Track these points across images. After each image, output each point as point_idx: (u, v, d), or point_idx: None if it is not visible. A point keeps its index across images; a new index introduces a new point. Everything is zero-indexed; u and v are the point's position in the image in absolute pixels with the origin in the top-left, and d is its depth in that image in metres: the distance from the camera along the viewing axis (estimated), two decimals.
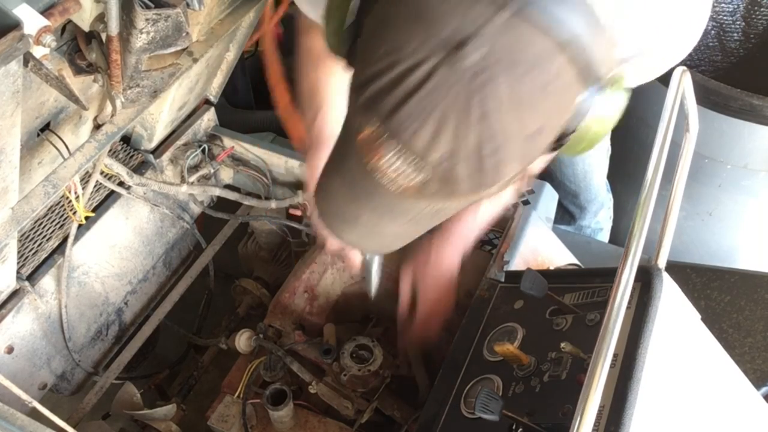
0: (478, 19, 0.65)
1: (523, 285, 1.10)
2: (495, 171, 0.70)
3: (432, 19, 0.66)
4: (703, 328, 1.11)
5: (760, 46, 2.33)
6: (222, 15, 1.41)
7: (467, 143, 0.67)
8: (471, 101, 0.65)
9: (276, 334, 1.52)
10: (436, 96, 0.65)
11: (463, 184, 0.70)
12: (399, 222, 0.80)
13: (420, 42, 0.66)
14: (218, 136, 1.87)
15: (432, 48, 0.65)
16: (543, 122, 0.70)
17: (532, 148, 0.72)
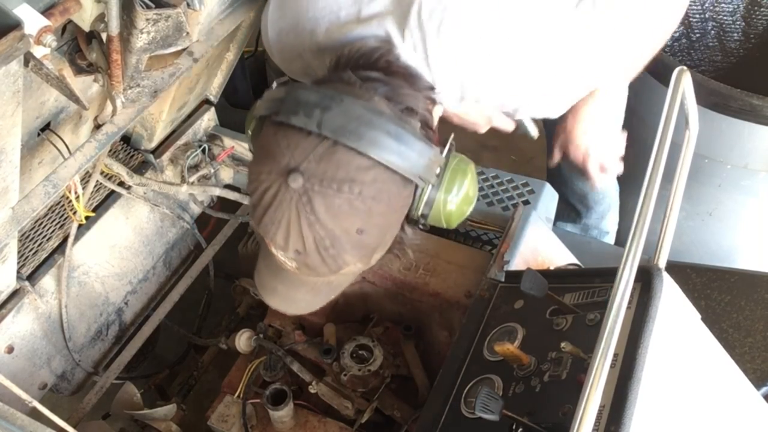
0: (304, 152, 0.88)
1: (523, 285, 1.10)
2: (336, 260, 0.92)
3: (276, 154, 0.90)
4: (703, 328, 1.12)
5: (760, 46, 2.33)
6: (222, 15, 1.41)
7: (308, 242, 0.89)
8: (301, 214, 0.88)
9: (276, 334, 1.52)
10: (280, 211, 0.89)
11: (321, 269, 0.93)
12: (302, 291, 1.04)
13: (269, 171, 0.90)
14: (218, 136, 1.87)
15: (275, 176, 0.89)
16: (362, 224, 0.90)
17: (364, 241, 0.92)
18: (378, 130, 0.89)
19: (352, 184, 0.88)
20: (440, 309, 1.47)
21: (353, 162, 0.88)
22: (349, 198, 0.88)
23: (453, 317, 1.44)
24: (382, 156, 0.89)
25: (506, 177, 1.66)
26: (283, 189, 0.88)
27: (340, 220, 0.89)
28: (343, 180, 0.87)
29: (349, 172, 0.88)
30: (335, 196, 0.87)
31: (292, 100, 0.92)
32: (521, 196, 1.61)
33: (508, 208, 1.59)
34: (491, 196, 1.63)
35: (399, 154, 0.90)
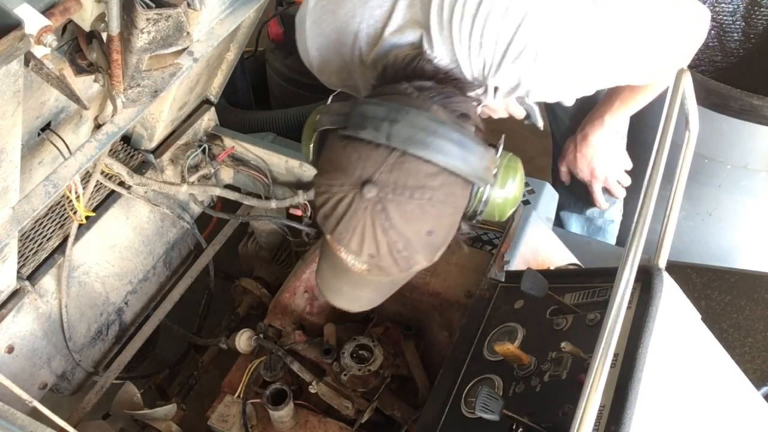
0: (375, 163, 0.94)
1: (523, 285, 1.10)
2: (408, 261, 0.98)
3: (347, 167, 0.96)
4: (703, 328, 1.12)
5: (760, 46, 2.33)
6: (222, 15, 1.41)
7: (382, 247, 0.95)
8: (376, 221, 0.94)
9: (276, 334, 1.52)
10: (355, 219, 0.94)
11: (392, 270, 0.99)
12: (367, 290, 1.11)
13: (341, 182, 0.95)
14: (218, 136, 1.87)
15: (348, 187, 0.95)
16: (432, 226, 0.96)
17: (432, 241, 0.98)
18: (443, 138, 0.95)
19: (423, 191, 0.94)
20: (440, 309, 1.47)
21: (422, 170, 0.94)
22: (421, 203, 0.94)
23: (453, 317, 1.44)
24: (448, 162, 0.95)
25: None
26: (357, 199, 0.93)
27: (412, 224, 0.94)
28: (414, 187, 0.93)
29: (419, 179, 0.94)
30: (408, 203, 0.93)
31: (358, 114, 0.97)
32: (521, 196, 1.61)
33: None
34: None
35: (462, 159, 0.96)
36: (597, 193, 1.85)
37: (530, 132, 1.72)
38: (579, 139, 1.77)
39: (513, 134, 1.47)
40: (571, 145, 1.80)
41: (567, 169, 1.85)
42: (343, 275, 1.07)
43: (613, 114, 1.66)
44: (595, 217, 2.04)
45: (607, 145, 1.75)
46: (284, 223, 1.82)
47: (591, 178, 1.81)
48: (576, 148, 1.78)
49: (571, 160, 1.81)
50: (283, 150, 1.79)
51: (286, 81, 2.70)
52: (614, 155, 1.79)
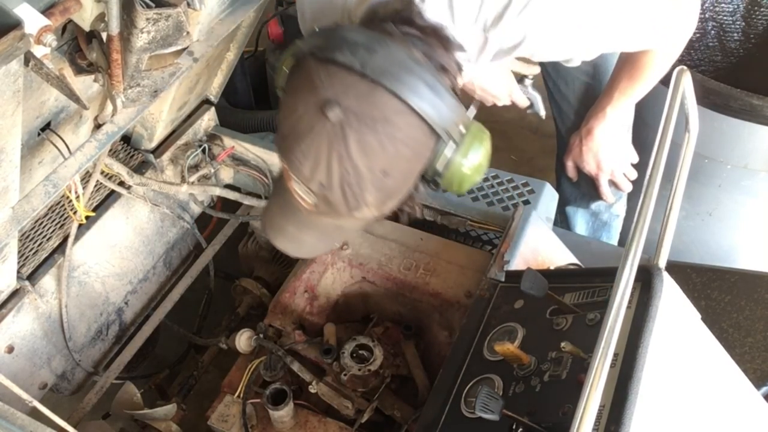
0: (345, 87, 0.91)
1: (523, 285, 1.10)
2: (357, 199, 0.94)
3: (316, 85, 0.92)
4: (703, 328, 1.11)
5: (760, 46, 2.33)
6: (222, 15, 1.41)
7: (334, 176, 0.91)
8: (333, 147, 0.90)
9: (276, 333, 1.52)
10: (312, 141, 0.91)
11: (340, 207, 0.95)
12: (312, 233, 1.07)
13: (306, 101, 0.92)
14: (218, 136, 1.87)
15: (312, 107, 0.91)
16: (389, 165, 0.93)
17: (386, 183, 0.94)
18: (417, 78, 0.92)
19: (386, 125, 0.91)
20: (440, 309, 1.47)
21: (390, 104, 0.91)
22: (381, 138, 0.91)
23: (453, 317, 1.44)
24: (418, 103, 0.92)
25: (506, 177, 1.66)
26: (319, 121, 0.90)
27: (369, 157, 0.91)
28: (378, 119, 0.90)
29: (385, 113, 0.91)
30: (369, 134, 0.90)
31: (338, 37, 0.95)
32: (521, 196, 1.61)
33: (508, 208, 1.59)
34: (491, 196, 1.63)
35: (433, 105, 0.93)
36: (603, 186, 1.85)
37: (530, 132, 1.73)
38: (584, 133, 1.77)
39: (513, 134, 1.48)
40: (576, 139, 1.80)
41: (573, 163, 1.85)
42: (290, 213, 1.04)
43: (613, 105, 1.66)
44: (601, 211, 2.05)
45: (612, 138, 1.75)
46: None
47: (597, 171, 1.81)
48: (581, 142, 1.78)
49: (576, 154, 1.82)
50: None
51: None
52: (620, 148, 1.79)
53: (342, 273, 1.56)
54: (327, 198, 0.94)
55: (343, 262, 1.55)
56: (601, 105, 1.70)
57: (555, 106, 2.00)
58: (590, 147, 1.77)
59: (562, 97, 1.94)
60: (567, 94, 1.92)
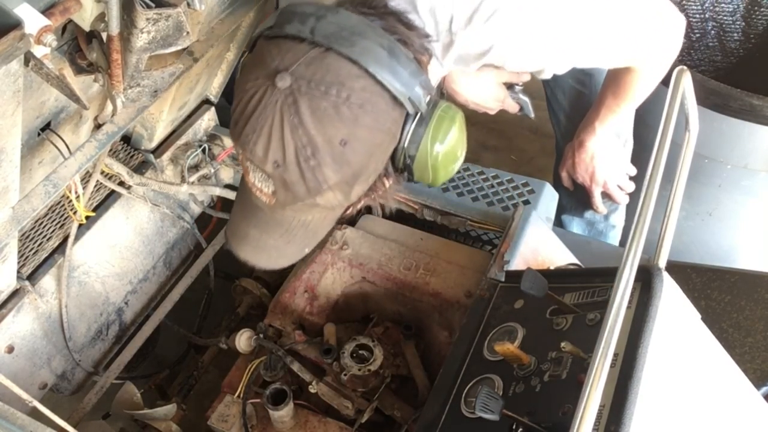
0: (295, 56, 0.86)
1: (523, 285, 1.10)
2: (316, 175, 0.88)
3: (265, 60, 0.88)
4: (703, 328, 1.12)
5: (760, 46, 2.33)
6: (222, 15, 1.41)
7: (288, 152, 0.86)
8: (285, 117, 0.85)
9: (276, 333, 1.52)
10: (263, 116, 0.86)
11: (298, 187, 0.89)
12: (277, 234, 0.99)
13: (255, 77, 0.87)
14: (218, 136, 1.87)
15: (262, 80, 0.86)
16: (346, 134, 0.87)
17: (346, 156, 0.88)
18: (371, 41, 0.88)
19: (341, 88, 0.86)
20: (440, 309, 1.47)
21: (343, 68, 0.87)
22: (336, 102, 0.86)
23: (453, 317, 1.44)
24: (374, 67, 0.87)
25: (506, 177, 1.66)
26: (269, 92, 0.86)
27: (324, 125, 0.86)
28: (331, 83, 0.85)
29: (338, 76, 0.86)
30: (322, 98, 0.85)
31: (287, 12, 0.91)
32: (521, 196, 1.61)
33: (508, 208, 1.59)
34: (491, 196, 1.63)
35: (390, 70, 0.88)
36: (596, 198, 1.86)
37: (530, 132, 1.73)
38: (576, 145, 1.77)
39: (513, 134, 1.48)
40: (569, 150, 1.81)
41: (567, 174, 1.86)
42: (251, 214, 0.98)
43: (601, 121, 1.66)
44: (596, 221, 2.05)
45: (605, 150, 1.76)
46: None
47: (590, 182, 1.82)
48: (574, 154, 1.79)
49: (570, 166, 1.82)
50: None
51: None
52: (613, 160, 1.80)
53: (342, 273, 1.56)
54: (284, 179, 0.89)
55: (343, 262, 1.55)
56: (590, 119, 1.70)
57: (552, 114, 2.01)
58: (582, 159, 1.77)
59: (558, 105, 1.95)
60: (563, 103, 1.93)
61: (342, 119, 0.86)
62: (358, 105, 0.87)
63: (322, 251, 1.57)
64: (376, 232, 1.59)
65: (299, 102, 0.85)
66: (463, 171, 1.71)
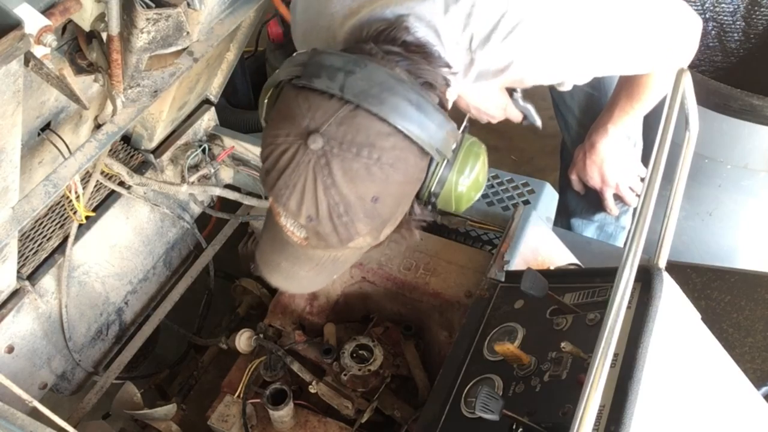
0: (325, 114, 0.88)
1: (523, 285, 1.10)
2: (348, 229, 0.91)
3: (295, 115, 0.89)
4: (703, 328, 1.11)
5: (760, 46, 2.33)
6: (222, 15, 1.41)
7: (321, 208, 0.89)
8: (318, 177, 0.87)
9: (276, 333, 1.52)
10: (296, 174, 0.88)
11: (331, 239, 0.92)
12: (307, 268, 1.03)
13: (287, 133, 0.89)
14: (218, 136, 1.87)
15: (293, 138, 0.88)
16: (378, 191, 0.90)
17: (377, 210, 0.91)
18: (400, 97, 0.89)
19: (372, 149, 0.87)
20: (440, 309, 1.47)
21: (374, 127, 0.88)
22: (368, 163, 0.87)
23: (453, 317, 1.44)
24: (403, 124, 0.89)
25: (506, 177, 1.66)
26: (301, 151, 0.87)
27: (356, 185, 0.88)
28: (362, 144, 0.87)
29: (369, 136, 0.87)
30: (354, 160, 0.87)
31: (315, 64, 0.91)
32: (521, 196, 1.61)
33: (508, 208, 1.59)
34: (491, 196, 1.63)
35: (419, 124, 0.90)
36: (608, 200, 1.85)
37: (530, 132, 1.73)
38: (587, 147, 1.76)
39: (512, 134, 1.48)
40: (580, 153, 1.80)
41: (578, 177, 1.85)
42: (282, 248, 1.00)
43: (614, 123, 1.66)
44: (606, 223, 2.05)
45: (616, 152, 1.75)
46: None
47: (602, 185, 1.81)
48: (585, 156, 1.78)
49: (581, 168, 1.81)
50: None
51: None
52: (625, 162, 1.79)
53: (342, 273, 1.56)
54: (317, 231, 0.91)
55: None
56: (602, 121, 1.69)
57: (560, 118, 2.00)
58: (594, 161, 1.76)
59: (567, 109, 1.94)
60: (572, 106, 1.92)
61: (373, 179, 0.89)
62: (389, 164, 0.89)
63: None
64: None
65: (332, 164, 0.87)
66: None
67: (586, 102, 1.88)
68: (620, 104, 1.60)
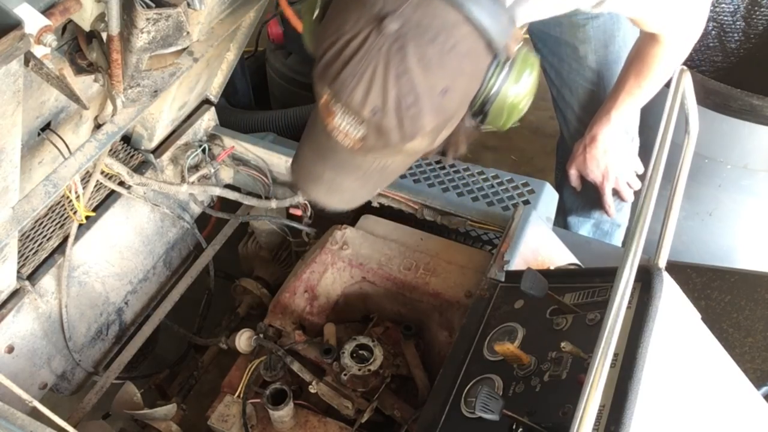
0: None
1: (523, 285, 1.10)
2: (414, 122, 0.86)
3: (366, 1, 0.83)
4: (703, 328, 1.12)
5: (760, 46, 2.33)
6: (222, 15, 1.41)
7: (390, 98, 0.83)
8: (390, 63, 0.82)
9: (276, 333, 1.52)
10: (366, 61, 0.82)
11: (393, 134, 0.86)
12: (353, 177, 0.97)
13: (356, 19, 0.83)
14: (218, 136, 1.87)
15: (364, 23, 0.82)
16: (449, 82, 0.85)
17: (444, 104, 0.87)
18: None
19: (448, 36, 0.83)
20: (440, 309, 1.47)
21: (449, 15, 0.84)
22: (442, 50, 0.83)
23: (453, 317, 1.44)
24: (478, 13, 0.84)
25: (506, 177, 1.66)
26: (373, 36, 0.82)
27: (429, 73, 0.83)
28: (439, 29, 0.83)
29: (445, 22, 0.83)
30: (429, 46, 0.82)
31: None
32: (521, 196, 1.61)
33: (508, 208, 1.60)
34: (491, 196, 1.63)
35: (492, 16, 0.86)
36: (607, 196, 1.84)
37: (530, 132, 1.73)
38: (588, 140, 1.76)
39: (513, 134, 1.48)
40: (580, 147, 1.80)
41: (577, 172, 1.85)
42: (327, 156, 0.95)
43: (618, 108, 1.65)
44: (602, 221, 2.05)
45: (616, 145, 1.75)
46: (284, 223, 1.82)
47: (602, 178, 1.80)
48: (585, 150, 1.78)
49: (580, 162, 1.81)
50: (283, 150, 1.79)
51: (286, 81, 2.70)
52: (624, 155, 1.79)
53: (342, 273, 1.56)
54: (380, 126, 0.86)
55: (343, 262, 1.55)
56: (605, 109, 1.69)
57: (559, 113, 2.00)
58: (594, 154, 1.76)
59: (566, 104, 1.94)
60: (571, 102, 1.92)
61: (446, 68, 0.84)
62: (463, 54, 0.85)
63: (322, 251, 1.57)
64: (376, 232, 1.59)
65: (406, 48, 0.82)
66: (462, 171, 1.71)
67: (586, 98, 1.88)
68: (627, 86, 1.60)
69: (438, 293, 1.47)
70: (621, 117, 1.68)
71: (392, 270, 1.52)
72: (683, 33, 1.39)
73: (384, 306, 1.55)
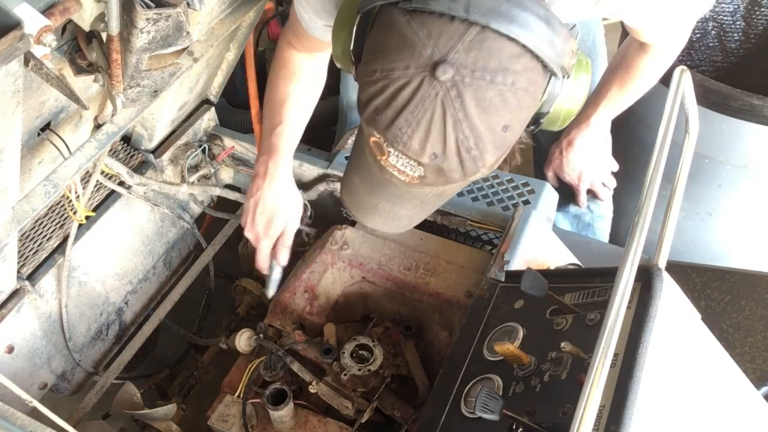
0: (449, 40, 0.79)
1: (523, 285, 1.10)
2: (475, 162, 0.84)
3: (414, 45, 0.79)
4: (703, 328, 1.11)
5: (760, 46, 2.33)
6: (222, 15, 1.41)
7: (450, 144, 0.81)
8: (447, 111, 0.79)
9: (276, 333, 1.52)
10: (422, 109, 0.80)
11: (454, 174, 0.85)
12: (410, 206, 0.96)
13: (405, 65, 0.80)
14: (218, 136, 1.87)
15: (415, 70, 0.79)
16: (510, 119, 0.83)
17: (506, 139, 0.85)
18: (529, 12, 0.81)
19: (506, 74, 0.79)
20: (440, 309, 1.47)
21: (505, 49, 0.79)
22: (502, 90, 0.80)
23: (453, 317, 1.44)
24: (534, 42, 0.80)
25: (506, 177, 1.66)
26: (426, 84, 0.79)
27: (489, 115, 0.81)
28: (496, 70, 0.79)
29: (501, 60, 0.79)
30: (488, 88, 0.79)
31: None
32: (521, 196, 1.61)
33: (508, 208, 1.59)
34: (491, 196, 1.63)
35: (549, 40, 0.82)
36: (581, 195, 1.90)
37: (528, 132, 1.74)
38: (564, 144, 1.79)
39: None
40: (557, 150, 1.83)
41: (554, 174, 1.88)
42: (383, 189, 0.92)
43: (598, 114, 1.67)
44: (582, 213, 2.07)
45: (592, 148, 1.77)
46: None
47: (577, 181, 1.83)
48: (562, 154, 1.80)
49: (557, 165, 1.84)
50: None
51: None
52: (599, 158, 1.81)
53: (342, 273, 1.56)
54: (440, 168, 0.84)
55: (343, 262, 1.55)
56: (585, 114, 1.71)
57: None
58: (570, 158, 1.79)
59: None
60: None
61: (507, 107, 0.82)
62: (522, 89, 0.82)
63: (322, 251, 1.57)
64: (376, 232, 1.59)
65: (464, 95, 0.79)
66: None
67: None
68: (610, 93, 1.61)
69: (438, 293, 1.47)
70: (600, 123, 1.69)
71: (392, 270, 1.52)
72: (674, 44, 1.39)
73: (384, 306, 1.55)
